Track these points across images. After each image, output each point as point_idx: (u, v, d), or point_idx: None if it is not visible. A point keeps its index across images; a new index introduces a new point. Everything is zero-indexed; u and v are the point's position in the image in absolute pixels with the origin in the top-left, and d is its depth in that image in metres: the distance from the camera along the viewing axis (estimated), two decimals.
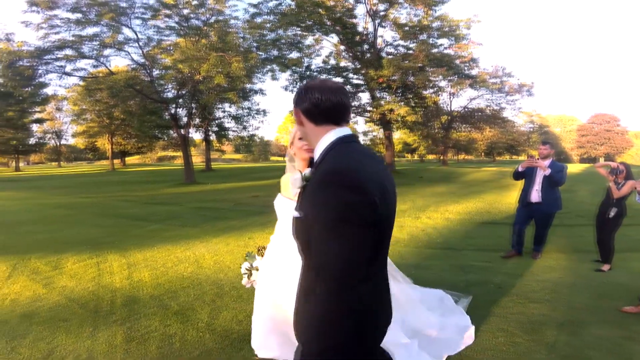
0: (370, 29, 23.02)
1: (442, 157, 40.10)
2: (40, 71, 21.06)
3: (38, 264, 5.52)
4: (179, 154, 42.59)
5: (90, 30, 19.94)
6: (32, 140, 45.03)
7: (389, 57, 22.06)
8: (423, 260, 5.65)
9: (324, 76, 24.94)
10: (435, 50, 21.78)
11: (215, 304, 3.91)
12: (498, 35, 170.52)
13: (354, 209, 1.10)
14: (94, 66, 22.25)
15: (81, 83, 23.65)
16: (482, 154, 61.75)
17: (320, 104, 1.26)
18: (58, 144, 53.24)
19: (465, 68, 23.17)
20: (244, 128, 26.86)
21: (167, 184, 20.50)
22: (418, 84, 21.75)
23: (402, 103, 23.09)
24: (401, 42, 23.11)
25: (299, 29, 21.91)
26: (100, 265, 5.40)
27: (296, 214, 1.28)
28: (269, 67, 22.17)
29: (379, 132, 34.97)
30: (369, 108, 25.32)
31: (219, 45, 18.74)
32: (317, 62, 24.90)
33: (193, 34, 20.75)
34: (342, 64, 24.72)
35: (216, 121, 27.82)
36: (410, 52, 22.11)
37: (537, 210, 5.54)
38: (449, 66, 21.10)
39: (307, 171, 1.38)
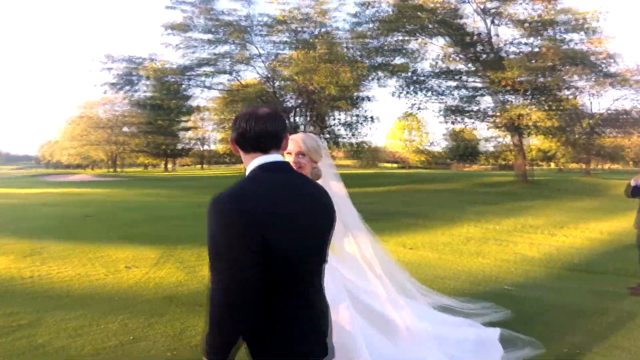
0: (482, 28, 21.39)
1: (585, 166, 34.97)
2: (184, 85, 24.70)
3: (184, 254, 6.00)
4: None
5: (223, 49, 22.77)
6: (180, 146, 52.27)
7: (512, 57, 20.25)
8: (555, 281, 5.11)
9: (435, 81, 23.92)
10: (565, 47, 19.34)
11: None
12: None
13: (231, 234, 1.11)
14: (230, 80, 25.20)
15: (220, 95, 26.86)
16: (631, 162, 52.14)
17: (245, 133, 1.27)
18: (202, 148, 61.11)
19: (604, 65, 20.05)
20: (353, 135, 27.40)
21: None
22: (551, 86, 19.52)
23: (534, 107, 20.89)
24: (524, 40, 21.03)
25: (401, 34, 21.41)
26: None
27: None
28: (375, 74, 22.18)
29: (506, 139, 31.91)
30: (490, 113, 23.49)
31: (327, 57, 19.49)
32: (424, 66, 23.75)
33: (303, 47, 21.89)
34: (454, 66, 23.35)
35: (328, 128, 28.92)
36: (537, 50, 20.00)
37: None
38: (584, 64, 18.54)
39: None
